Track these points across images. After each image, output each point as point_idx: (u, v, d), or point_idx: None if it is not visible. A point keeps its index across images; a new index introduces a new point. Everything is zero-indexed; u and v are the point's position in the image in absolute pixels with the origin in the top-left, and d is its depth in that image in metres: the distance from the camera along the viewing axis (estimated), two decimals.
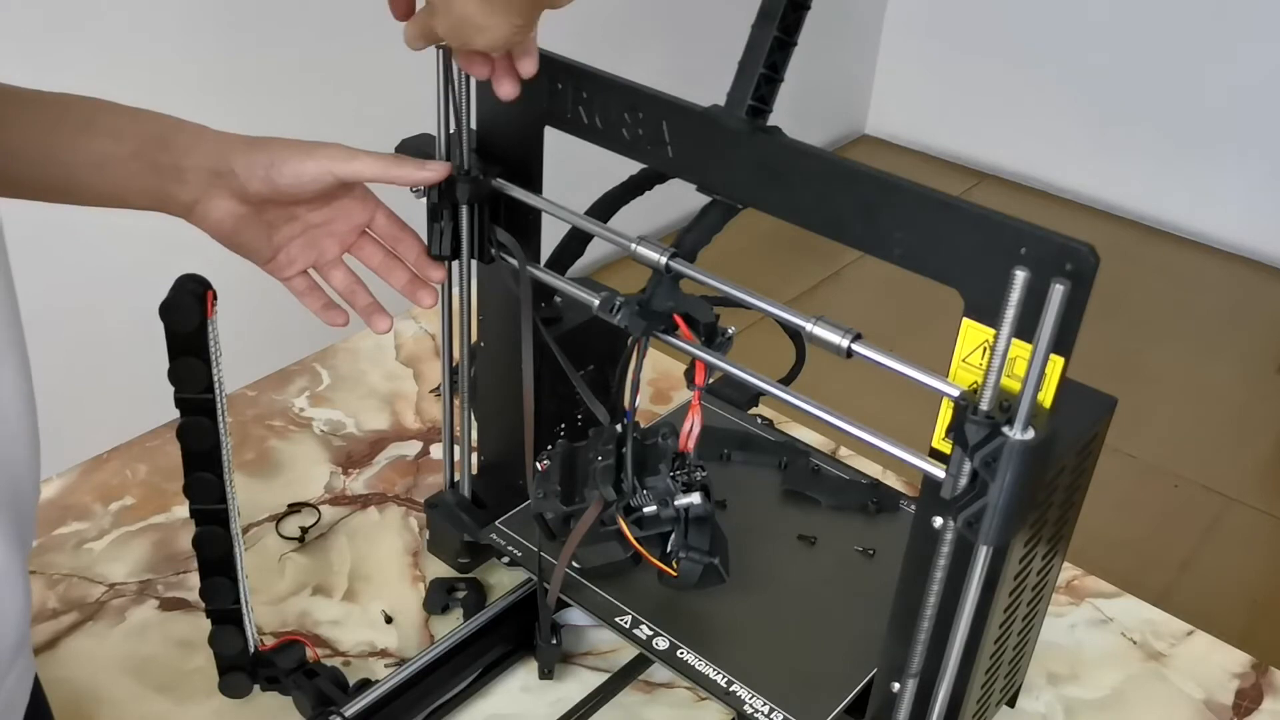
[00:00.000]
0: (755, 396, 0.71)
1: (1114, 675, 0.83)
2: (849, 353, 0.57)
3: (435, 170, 0.70)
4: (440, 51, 0.68)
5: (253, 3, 1.81)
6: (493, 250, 0.74)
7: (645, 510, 0.71)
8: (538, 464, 0.75)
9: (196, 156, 0.67)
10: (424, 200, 0.73)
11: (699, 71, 1.54)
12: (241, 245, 0.69)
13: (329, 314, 0.73)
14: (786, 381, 0.61)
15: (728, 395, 0.90)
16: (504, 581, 0.86)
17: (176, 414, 0.67)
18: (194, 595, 0.80)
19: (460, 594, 0.84)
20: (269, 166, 0.67)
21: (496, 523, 0.82)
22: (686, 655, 0.72)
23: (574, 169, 0.90)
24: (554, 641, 0.78)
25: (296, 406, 1.05)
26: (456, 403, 0.82)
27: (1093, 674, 0.83)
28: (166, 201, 0.67)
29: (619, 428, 0.71)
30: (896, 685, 0.63)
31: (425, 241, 0.74)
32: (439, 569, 0.87)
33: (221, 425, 0.68)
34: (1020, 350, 0.52)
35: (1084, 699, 0.81)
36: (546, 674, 0.80)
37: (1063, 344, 0.51)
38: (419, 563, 0.88)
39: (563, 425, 0.85)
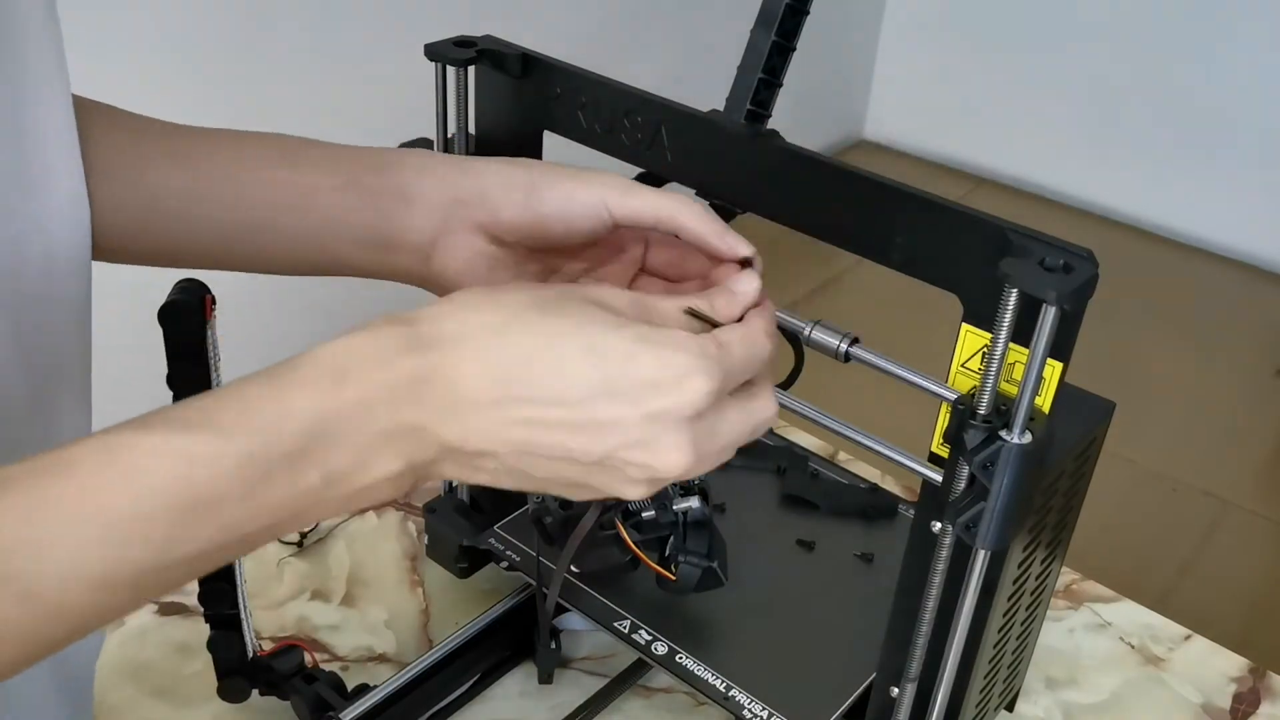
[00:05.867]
0: None
1: (1112, 679, 0.83)
2: (846, 356, 0.57)
3: (734, 244, 0.50)
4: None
5: (245, 5, 1.81)
6: None
7: (644, 514, 0.71)
8: None
9: (430, 178, 0.52)
10: None
11: (698, 76, 1.54)
12: None
13: None
14: (785, 386, 0.61)
15: None
16: (502, 587, 0.86)
17: None
18: (192, 600, 0.80)
19: None
20: (529, 189, 0.52)
21: (495, 527, 0.82)
22: (685, 660, 0.72)
23: None
24: (553, 646, 0.78)
25: None
26: None
27: (1091, 678, 0.83)
28: (392, 242, 0.52)
29: None
30: (895, 690, 0.63)
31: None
32: (438, 574, 0.87)
33: None
34: (1019, 355, 0.52)
35: (1082, 703, 0.81)
36: (545, 679, 0.80)
37: (1061, 349, 0.51)
38: (417, 567, 0.88)
39: None
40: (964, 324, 0.54)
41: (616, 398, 0.41)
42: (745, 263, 0.51)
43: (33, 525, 0.34)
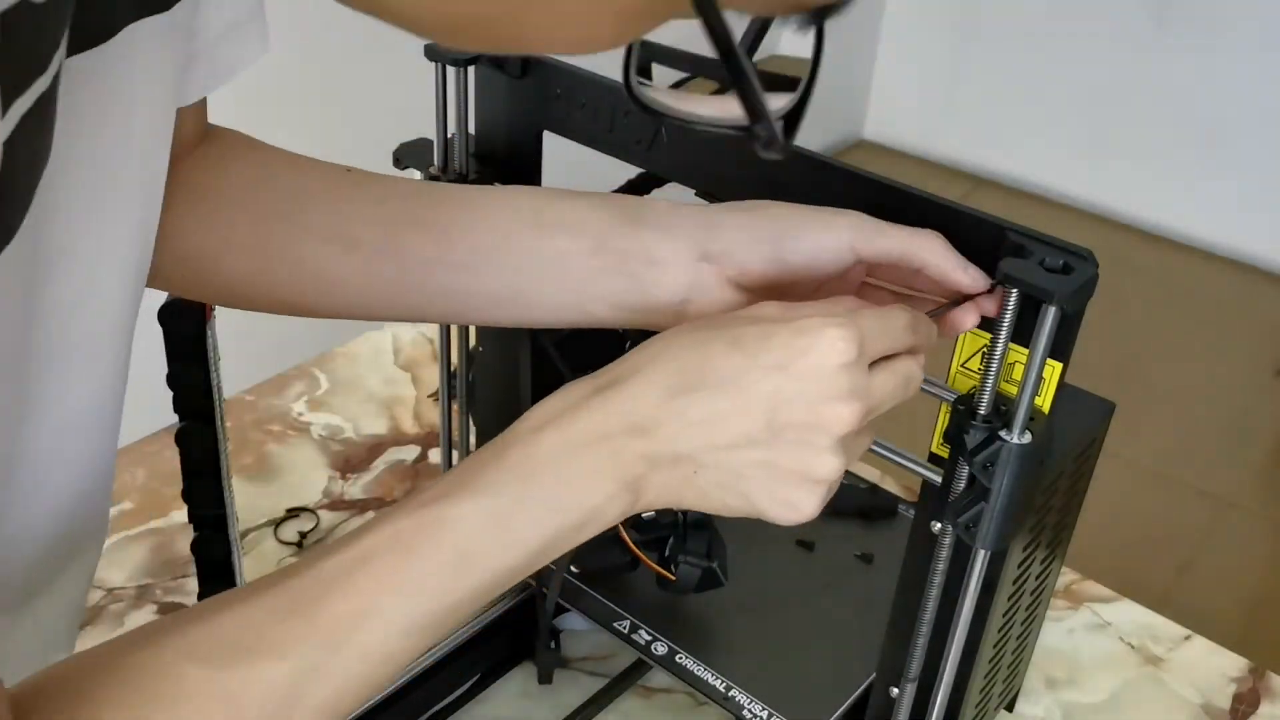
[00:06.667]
0: None
1: (1112, 680, 0.83)
2: None
3: (976, 278, 0.51)
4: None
5: None
6: None
7: (643, 514, 0.71)
8: None
9: (675, 238, 0.53)
10: None
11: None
12: None
13: None
14: None
15: None
16: None
17: (175, 419, 0.67)
18: (192, 600, 0.80)
19: None
20: (776, 239, 0.52)
21: None
22: (685, 660, 0.72)
23: (572, 173, 0.90)
24: (553, 646, 0.78)
25: (295, 411, 1.05)
26: (455, 407, 0.82)
27: (1091, 678, 0.83)
28: (644, 305, 0.54)
29: None
30: (895, 690, 0.63)
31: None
32: None
33: (220, 430, 0.68)
34: (1019, 355, 0.52)
35: (1082, 703, 0.81)
36: (545, 679, 0.80)
37: (1061, 349, 0.51)
38: None
39: None
40: None
41: (767, 371, 0.45)
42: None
43: (364, 598, 0.42)
